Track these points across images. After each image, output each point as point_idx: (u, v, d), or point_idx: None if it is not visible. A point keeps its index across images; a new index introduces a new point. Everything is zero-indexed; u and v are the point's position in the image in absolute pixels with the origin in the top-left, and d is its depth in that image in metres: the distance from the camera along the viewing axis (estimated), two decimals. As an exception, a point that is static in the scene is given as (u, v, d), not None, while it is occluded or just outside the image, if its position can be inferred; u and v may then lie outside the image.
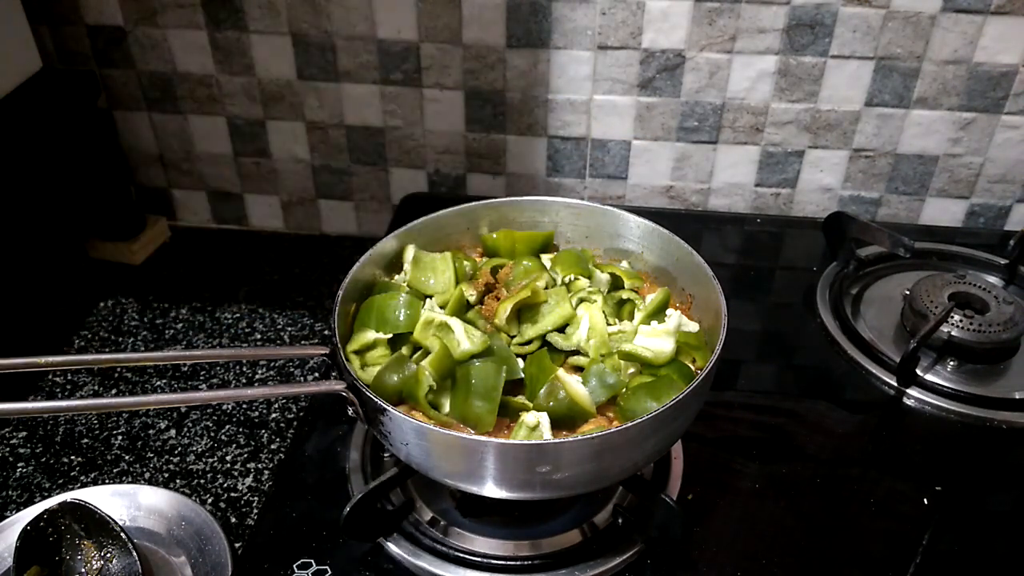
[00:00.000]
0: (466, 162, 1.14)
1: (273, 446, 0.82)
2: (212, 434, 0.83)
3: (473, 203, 0.80)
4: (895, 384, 0.86)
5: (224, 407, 0.87)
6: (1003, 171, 1.08)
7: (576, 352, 0.69)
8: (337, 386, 0.61)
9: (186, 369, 0.92)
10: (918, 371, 0.87)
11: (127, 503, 0.74)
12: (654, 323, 0.70)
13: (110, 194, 1.13)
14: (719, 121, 1.07)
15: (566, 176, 1.14)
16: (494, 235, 0.79)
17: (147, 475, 0.79)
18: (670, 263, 0.76)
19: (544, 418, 0.62)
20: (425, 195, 1.16)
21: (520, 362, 0.68)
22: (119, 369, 0.92)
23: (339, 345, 0.64)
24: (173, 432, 0.84)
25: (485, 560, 0.68)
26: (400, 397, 0.64)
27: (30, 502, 0.76)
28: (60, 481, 0.79)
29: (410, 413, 0.61)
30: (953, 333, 0.87)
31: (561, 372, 0.66)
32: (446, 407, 0.65)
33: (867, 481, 0.77)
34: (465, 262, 0.76)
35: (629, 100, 1.07)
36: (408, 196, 1.14)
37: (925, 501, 0.75)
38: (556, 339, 0.69)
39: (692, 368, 0.68)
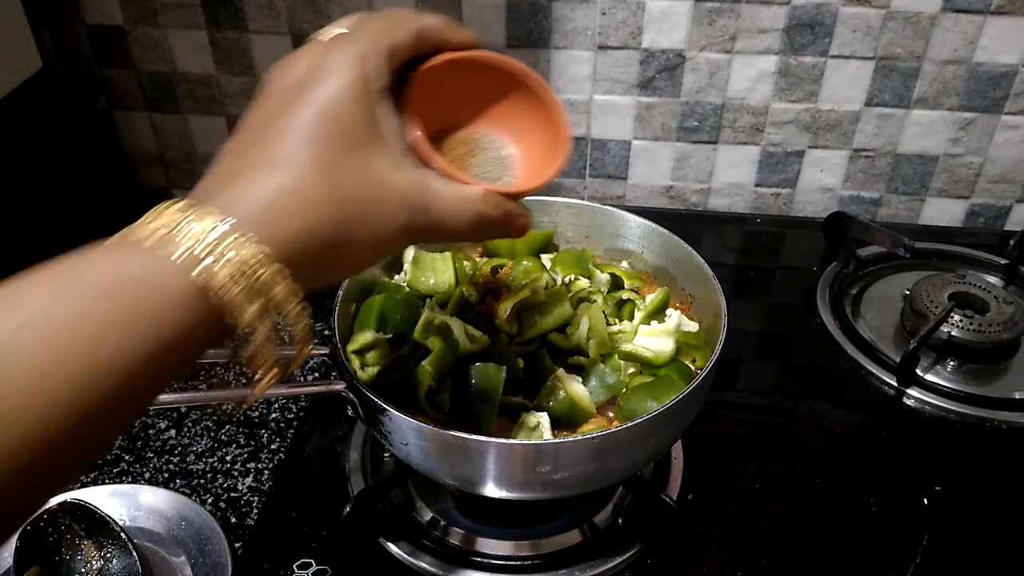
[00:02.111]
0: (466, 162, 1.14)
1: (273, 446, 0.82)
2: (212, 434, 0.83)
3: (473, 203, 0.80)
4: (895, 384, 0.86)
5: (224, 407, 0.87)
6: (1003, 171, 1.08)
7: (576, 352, 0.69)
8: (337, 386, 0.61)
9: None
10: (918, 371, 0.87)
11: (127, 503, 0.74)
12: (654, 323, 0.70)
13: (110, 194, 1.13)
14: (719, 121, 1.07)
15: (566, 176, 1.14)
16: (494, 235, 0.79)
17: (147, 475, 0.79)
18: (670, 263, 0.76)
19: (544, 418, 0.62)
20: (425, 195, 1.16)
21: (520, 362, 0.68)
22: (119, 369, 0.92)
23: (339, 345, 0.64)
24: (173, 432, 0.83)
25: (485, 560, 0.68)
26: (400, 397, 0.64)
27: (30, 502, 0.76)
28: (60, 481, 0.79)
29: (410, 413, 0.61)
30: (953, 333, 0.87)
31: (561, 372, 0.66)
32: (446, 407, 0.65)
33: (867, 481, 0.77)
34: (465, 262, 0.76)
35: (629, 100, 1.07)
36: (408, 196, 1.13)
37: (925, 501, 0.75)
38: (556, 339, 0.69)
39: (692, 368, 0.68)
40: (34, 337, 0.31)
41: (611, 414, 0.66)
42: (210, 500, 0.76)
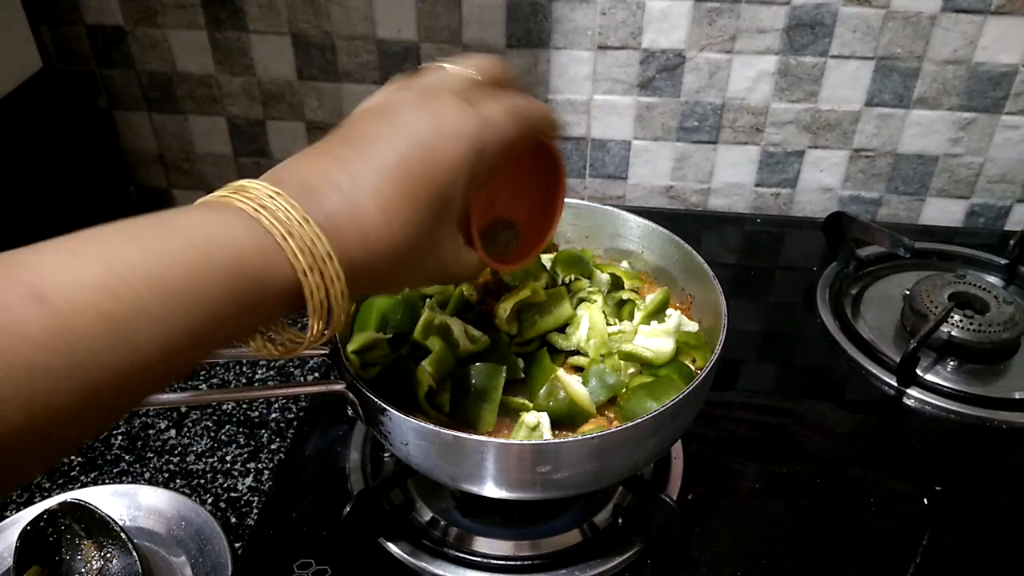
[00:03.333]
0: (466, 162, 1.14)
1: (273, 446, 0.82)
2: (212, 434, 0.83)
3: (473, 203, 0.80)
4: (895, 384, 0.86)
5: (224, 407, 0.87)
6: (1003, 171, 1.08)
7: (576, 352, 0.69)
8: (337, 386, 0.61)
9: (186, 369, 0.92)
10: (918, 371, 0.87)
11: (127, 503, 0.74)
12: (654, 323, 0.70)
13: (110, 194, 1.13)
14: (719, 121, 1.07)
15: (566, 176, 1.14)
16: (494, 235, 0.79)
17: (147, 475, 0.79)
18: (670, 263, 0.76)
19: (544, 418, 0.62)
20: (425, 195, 1.16)
21: (520, 362, 0.68)
22: (119, 369, 0.92)
23: (339, 345, 0.64)
24: (173, 432, 0.83)
25: (485, 560, 0.68)
26: (400, 397, 0.64)
27: (30, 502, 0.76)
28: (60, 481, 0.79)
29: (410, 413, 0.61)
30: (953, 333, 0.87)
31: (561, 372, 0.66)
32: (446, 407, 0.65)
33: (867, 481, 0.77)
34: (465, 262, 0.76)
35: (629, 100, 1.07)
36: (408, 196, 1.13)
37: (925, 501, 0.75)
38: (556, 339, 0.69)
39: (692, 368, 0.68)
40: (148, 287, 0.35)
41: (611, 414, 0.66)
42: (210, 500, 0.76)
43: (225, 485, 0.78)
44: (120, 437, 0.83)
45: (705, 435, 0.79)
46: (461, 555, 0.68)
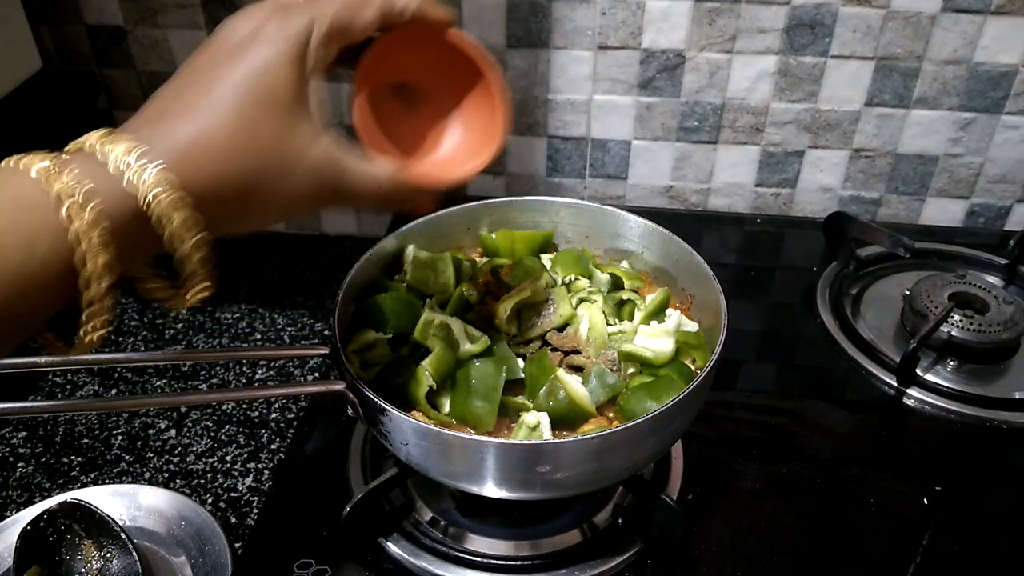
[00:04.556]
0: (466, 162, 1.14)
1: (273, 446, 0.82)
2: (212, 434, 0.83)
3: (473, 203, 0.80)
4: (895, 384, 0.86)
5: (224, 407, 0.87)
6: (1003, 171, 1.08)
7: (576, 352, 0.69)
8: (337, 386, 0.61)
9: (186, 369, 0.92)
10: (918, 371, 0.87)
11: (127, 503, 0.74)
12: (654, 323, 0.70)
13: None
14: (719, 121, 1.07)
15: (566, 176, 1.14)
16: (493, 235, 0.79)
17: (147, 475, 0.79)
18: (670, 263, 0.76)
19: (544, 418, 0.62)
20: (425, 195, 1.16)
21: (520, 362, 0.68)
22: (119, 369, 0.92)
23: (339, 345, 0.64)
24: (173, 432, 0.83)
25: (485, 560, 0.68)
26: (400, 397, 0.64)
27: (30, 502, 0.76)
28: (60, 481, 0.79)
29: (410, 413, 0.61)
30: (953, 333, 0.87)
31: (561, 372, 0.66)
32: (446, 407, 0.65)
33: (867, 481, 0.77)
34: (465, 262, 0.76)
35: (629, 100, 1.07)
36: (408, 196, 1.13)
37: (925, 501, 0.75)
38: (556, 339, 0.69)
39: (692, 368, 0.68)
40: None
41: (611, 414, 0.66)
42: (210, 500, 0.76)
43: (225, 485, 0.78)
44: (120, 437, 0.83)
45: (705, 435, 0.79)
46: (461, 555, 0.68)
